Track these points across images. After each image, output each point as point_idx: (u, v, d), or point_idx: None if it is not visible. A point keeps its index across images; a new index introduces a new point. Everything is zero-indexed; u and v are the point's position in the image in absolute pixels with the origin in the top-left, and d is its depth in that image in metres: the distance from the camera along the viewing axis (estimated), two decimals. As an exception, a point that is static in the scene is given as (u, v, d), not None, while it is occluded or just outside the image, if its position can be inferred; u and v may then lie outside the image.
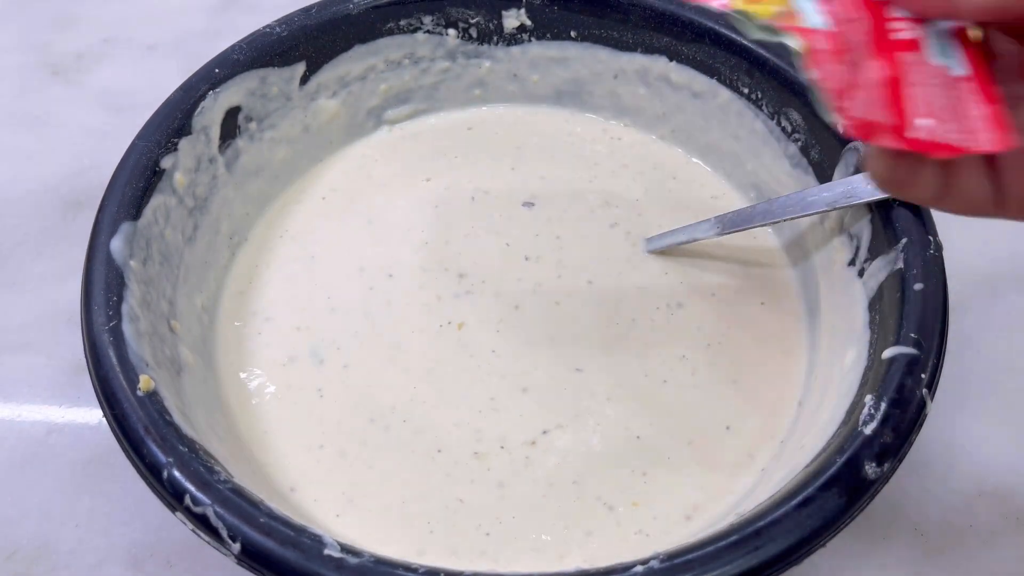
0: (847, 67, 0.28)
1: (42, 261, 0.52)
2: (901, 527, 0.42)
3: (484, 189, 0.51)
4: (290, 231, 0.50)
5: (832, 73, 0.29)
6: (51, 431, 0.45)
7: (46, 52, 0.65)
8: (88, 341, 0.37)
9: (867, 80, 0.28)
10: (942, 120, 0.28)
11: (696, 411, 0.42)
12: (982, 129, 0.27)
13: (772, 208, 0.44)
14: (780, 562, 0.31)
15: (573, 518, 0.39)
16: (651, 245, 0.48)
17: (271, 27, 0.48)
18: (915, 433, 0.34)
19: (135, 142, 0.43)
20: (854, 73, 0.28)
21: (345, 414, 0.42)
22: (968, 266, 0.51)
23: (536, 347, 0.44)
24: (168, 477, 0.33)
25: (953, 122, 0.28)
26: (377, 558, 0.31)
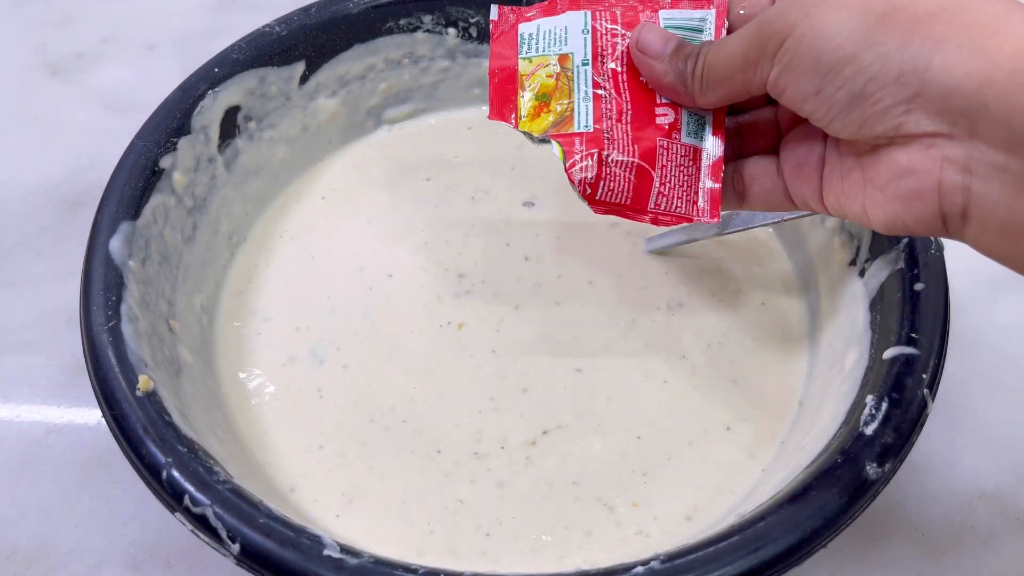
0: (597, 163, 0.35)
1: (41, 261, 0.52)
2: (902, 527, 0.42)
3: (484, 189, 0.51)
4: (290, 231, 0.50)
5: (583, 169, 0.35)
6: (50, 431, 0.45)
7: (46, 52, 0.65)
8: (87, 341, 0.37)
9: (615, 172, 0.35)
10: (674, 197, 0.36)
11: (696, 411, 0.42)
12: (705, 203, 0.36)
13: (772, 208, 0.44)
14: (780, 563, 0.31)
15: (573, 518, 0.39)
16: (651, 245, 0.48)
17: (270, 27, 0.48)
18: (916, 433, 0.34)
19: (134, 142, 0.43)
20: (603, 167, 0.35)
21: (345, 414, 0.42)
22: (968, 266, 0.50)
23: (536, 347, 0.44)
24: (167, 477, 0.33)
25: (684, 198, 0.36)
26: (377, 558, 0.31)
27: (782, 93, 0.31)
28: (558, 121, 0.36)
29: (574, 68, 0.36)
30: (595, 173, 0.35)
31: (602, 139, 0.35)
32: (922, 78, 0.27)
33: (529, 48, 0.37)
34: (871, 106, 0.29)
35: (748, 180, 0.36)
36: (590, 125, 0.35)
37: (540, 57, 0.37)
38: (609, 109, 0.36)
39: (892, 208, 0.30)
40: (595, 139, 0.35)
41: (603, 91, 0.36)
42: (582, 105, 0.36)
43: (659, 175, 0.36)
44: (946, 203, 0.28)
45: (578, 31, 0.36)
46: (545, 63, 0.37)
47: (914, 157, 0.29)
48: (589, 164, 0.35)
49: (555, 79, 0.36)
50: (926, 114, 0.28)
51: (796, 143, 0.35)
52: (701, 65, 0.34)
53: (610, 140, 0.35)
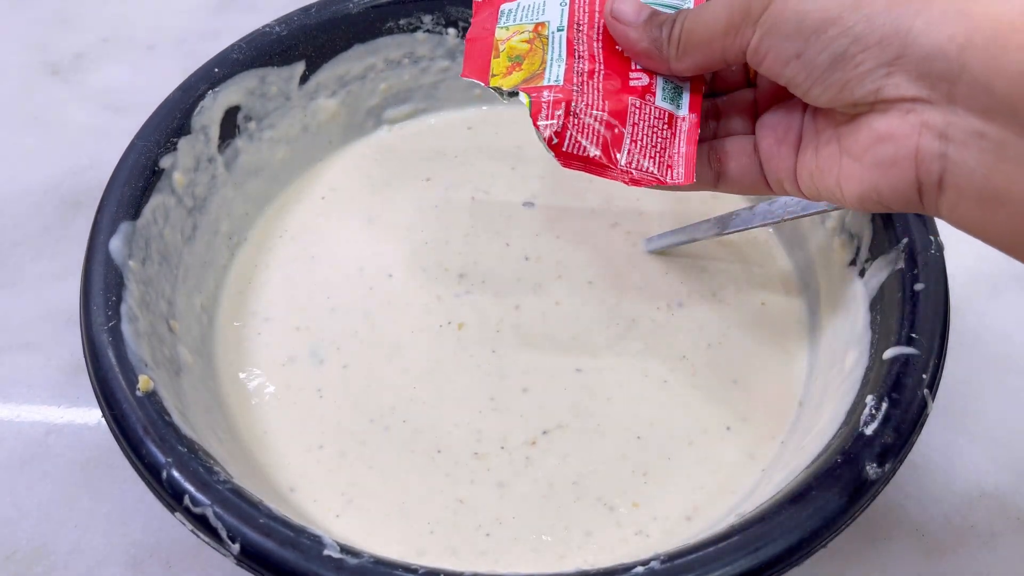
0: (565, 113, 0.34)
1: (41, 261, 0.52)
2: (902, 527, 0.42)
3: (484, 189, 0.51)
4: (290, 231, 0.50)
5: (549, 116, 0.34)
6: (50, 431, 0.45)
7: (46, 52, 0.65)
8: (87, 341, 0.37)
9: (584, 123, 0.34)
10: (647, 157, 0.35)
11: (696, 411, 0.42)
12: (678, 165, 0.35)
13: (772, 208, 0.44)
14: (781, 563, 0.31)
15: (573, 518, 0.39)
16: (651, 245, 0.48)
17: (270, 27, 0.48)
18: (916, 433, 0.34)
19: (134, 142, 0.43)
20: (570, 117, 0.34)
21: (345, 414, 0.42)
22: (968, 266, 0.51)
23: (536, 347, 0.44)
24: (167, 477, 0.33)
25: (656, 158, 0.35)
26: (377, 558, 0.31)
27: (762, 60, 0.31)
28: (528, 78, 0.36)
29: (549, 34, 0.36)
30: (562, 123, 0.34)
31: (571, 92, 0.35)
32: (904, 40, 0.27)
33: (507, 19, 0.37)
34: (852, 69, 0.28)
35: (724, 157, 0.36)
36: (560, 79, 0.35)
37: (516, 25, 0.37)
38: (581, 70, 0.36)
39: (868, 178, 0.30)
40: (564, 91, 0.35)
41: (576, 56, 0.36)
42: (554, 65, 0.36)
43: (630, 133, 0.35)
44: (923, 171, 0.28)
45: (556, 3, 0.36)
46: (521, 30, 0.37)
47: (892, 123, 0.28)
48: (557, 114, 0.34)
49: (529, 44, 0.36)
50: (906, 78, 0.27)
51: (773, 121, 0.35)
52: (678, 31, 0.34)
53: (580, 93, 0.35)
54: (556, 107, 0.34)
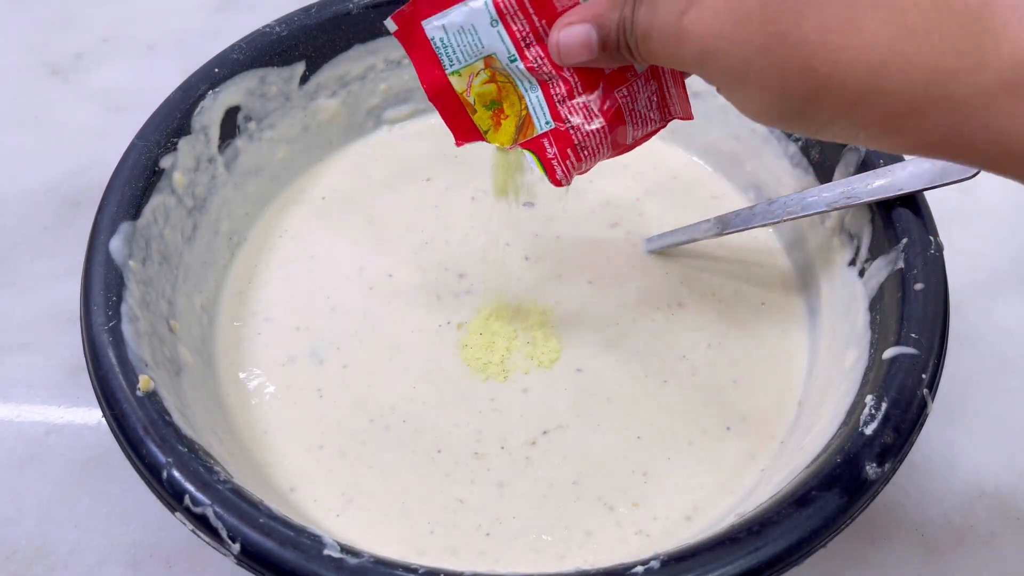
0: (574, 155, 0.35)
1: (42, 261, 0.52)
2: (901, 527, 0.42)
3: (484, 189, 0.51)
4: (290, 231, 0.50)
5: (564, 170, 0.36)
6: (50, 431, 0.45)
7: (46, 52, 0.65)
8: (88, 341, 0.37)
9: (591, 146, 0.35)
10: (648, 121, 0.36)
11: (696, 411, 0.42)
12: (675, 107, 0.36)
13: (772, 208, 0.44)
14: (780, 562, 0.31)
15: (573, 518, 0.39)
16: (651, 245, 0.48)
17: (271, 27, 0.48)
18: (916, 433, 0.34)
19: (134, 142, 0.43)
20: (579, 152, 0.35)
21: (345, 414, 0.42)
22: (968, 266, 0.51)
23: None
24: (168, 477, 0.33)
25: (655, 113, 0.36)
26: (377, 558, 0.31)
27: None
28: (520, 125, 0.36)
29: (505, 67, 0.35)
30: (575, 162, 0.36)
31: (568, 133, 0.35)
32: None
33: (451, 60, 0.35)
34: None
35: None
36: (551, 121, 0.35)
37: (466, 68, 0.35)
38: (559, 92, 0.35)
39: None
40: (561, 135, 0.35)
41: (545, 74, 0.35)
42: (533, 98, 0.35)
43: (631, 118, 0.35)
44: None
45: (486, 25, 0.34)
46: (474, 70, 0.36)
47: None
48: (569, 163, 0.36)
49: (494, 83, 0.36)
50: None
51: None
52: (634, 41, 0.31)
53: (574, 128, 0.35)
54: (563, 156, 0.35)
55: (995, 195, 0.54)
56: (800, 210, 0.43)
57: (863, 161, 0.42)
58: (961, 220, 0.53)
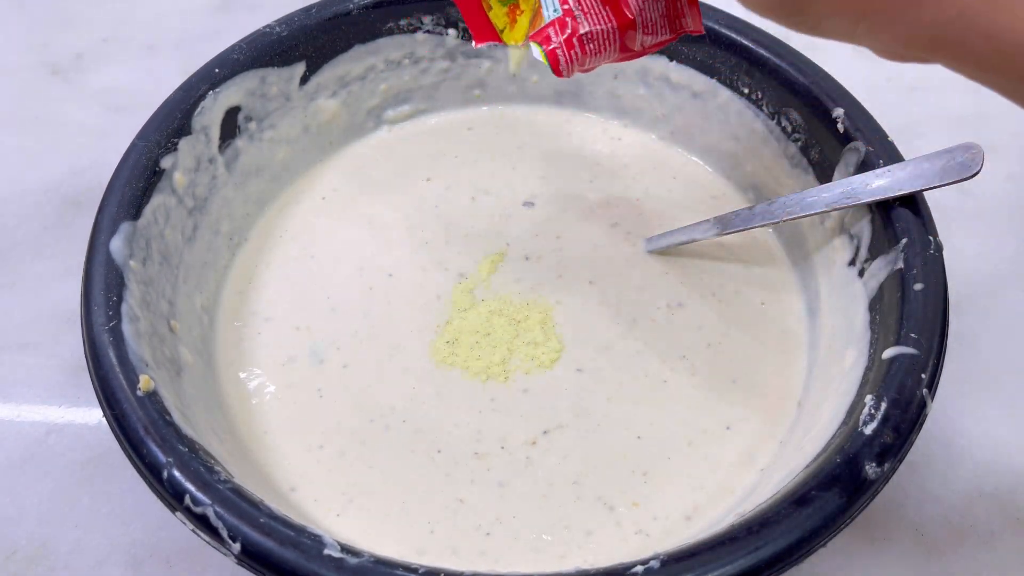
0: (579, 45, 0.35)
1: (42, 261, 0.52)
2: (901, 527, 0.42)
3: (484, 189, 0.51)
4: (290, 231, 0.50)
5: (567, 61, 0.35)
6: (51, 431, 0.45)
7: (46, 52, 0.65)
8: (88, 341, 0.37)
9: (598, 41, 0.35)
10: (658, 29, 0.36)
11: (696, 411, 0.42)
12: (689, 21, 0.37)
13: (772, 208, 0.44)
14: (780, 562, 0.31)
15: (573, 518, 0.39)
16: (651, 245, 0.48)
17: (271, 27, 0.49)
18: (915, 433, 0.34)
19: (135, 142, 0.43)
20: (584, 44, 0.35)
21: (345, 414, 0.42)
22: (968, 266, 0.51)
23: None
24: (168, 477, 0.33)
25: (667, 24, 0.36)
26: (377, 558, 0.31)
27: None
28: (532, 18, 0.36)
29: None
30: (580, 54, 0.36)
31: (575, 21, 0.35)
32: None
33: None
34: None
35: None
36: (558, 8, 0.35)
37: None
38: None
39: None
40: (567, 24, 0.35)
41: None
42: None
43: (641, 21, 0.36)
44: None
45: None
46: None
47: None
48: (573, 53, 0.35)
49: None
50: None
51: None
52: None
53: (583, 14, 0.35)
54: (569, 48, 0.35)
55: (995, 195, 0.54)
56: (800, 210, 0.43)
57: (863, 161, 0.43)
58: (961, 220, 0.53)
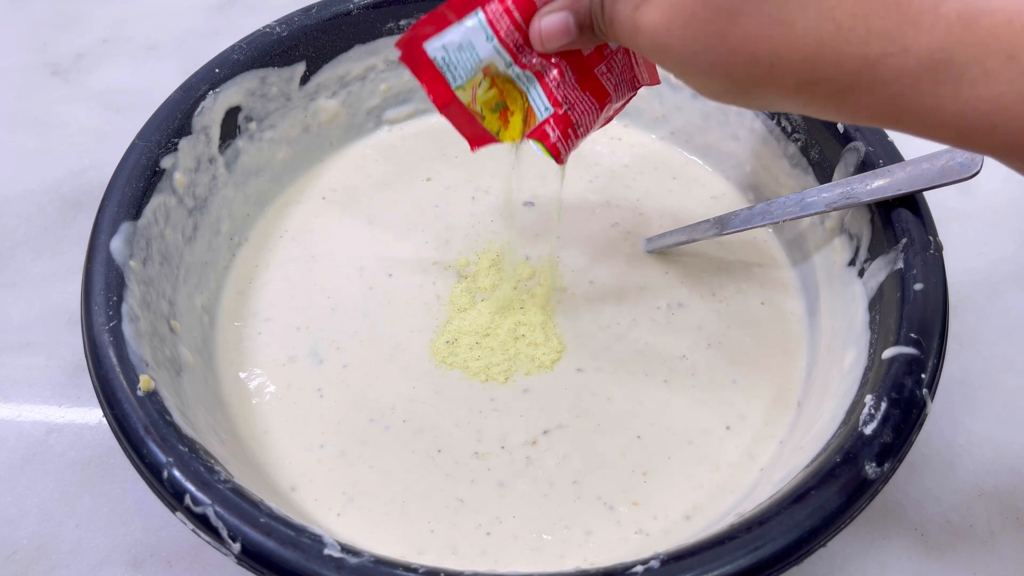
0: (574, 133, 0.38)
1: (42, 261, 0.52)
2: (901, 527, 0.42)
3: (484, 189, 0.51)
4: (290, 231, 0.50)
5: (565, 149, 0.38)
6: (51, 431, 0.45)
7: (46, 52, 0.65)
8: (88, 341, 0.37)
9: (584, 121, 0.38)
10: (623, 90, 0.39)
11: (696, 411, 0.42)
12: (645, 76, 0.39)
13: (772, 208, 0.44)
14: (780, 562, 0.31)
15: (573, 517, 0.39)
16: (651, 245, 0.48)
17: (271, 27, 0.49)
18: (915, 433, 0.34)
19: (135, 142, 0.43)
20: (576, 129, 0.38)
21: (345, 414, 0.42)
22: (968, 266, 0.51)
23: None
24: (168, 477, 0.33)
25: (628, 82, 0.39)
26: (377, 558, 0.31)
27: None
28: (525, 118, 0.38)
29: (504, 72, 0.38)
30: (574, 139, 0.39)
31: (567, 113, 0.38)
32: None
33: (454, 76, 0.38)
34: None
35: None
36: (549, 107, 0.38)
37: (469, 81, 0.38)
38: (553, 78, 0.37)
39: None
40: (561, 118, 0.38)
41: (538, 66, 0.37)
42: (532, 92, 0.38)
43: (614, 91, 0.39)
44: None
45: (482, 41, 0.37)
46: (475, 82, 0.38)
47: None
48: (569, 142, 0.38)
49: (495, 87, 0.38)
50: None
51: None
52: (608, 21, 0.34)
53: (571, 107, 0.37)
54: (567, 139, 0.38)
55: (995, 195, 0.54)
56: (800, 210, 0.43)
57: (863, 161, 0.43)
58: (961, 220, 0.53)
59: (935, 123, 0.28)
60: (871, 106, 0.28)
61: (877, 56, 0.27)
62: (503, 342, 0.44)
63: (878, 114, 0.29)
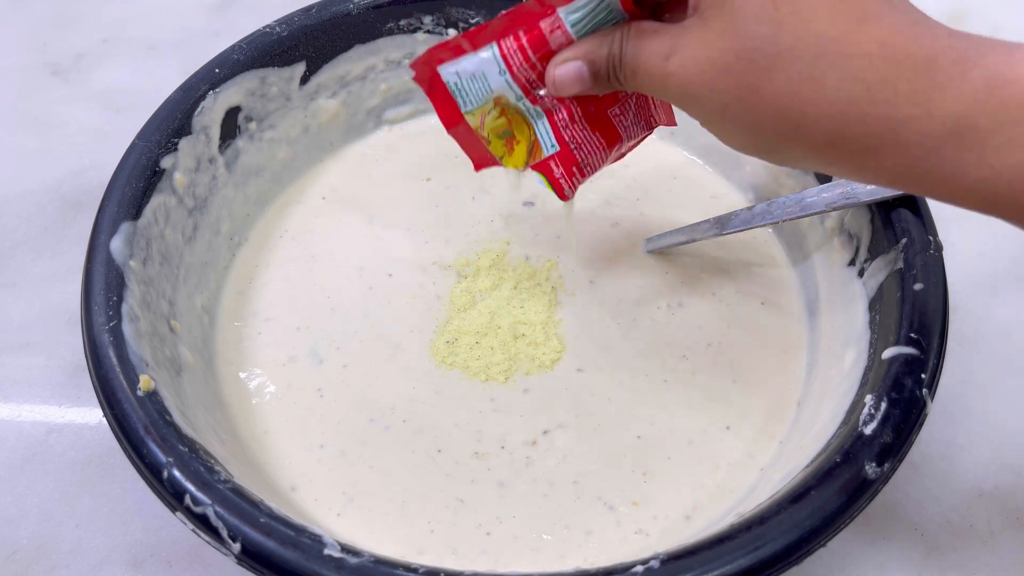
0: (578, 171, 0.39)
1: (42, 261, 0.52)
2: (901, 527, 0.42)
3: (484, 189, 0.51)
4: (290, 231, 0.50)
5: (570, 187, 0.40)
6: (51, 431, 0.45)
7: (46, 52, 0.65)
8: (88, 341, 0.37)
9: (591, 162, 0.39)
10: (637, 131, 0.40)
11: (696, 411, 0.42)
12: (662, 116, 0.40)
13: (772, 208, 0.44)
14: (780, 562, 0.31)
15: (573, 517, 0.39)
16: (651, 245, 0.48)
17: (271, 27, 0.49)
18: (915, 433, 0.34)
19: (135, 142, 0.43)
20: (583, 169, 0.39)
21: (345, 414, 0.42)
22: (968, 266, 0.51)
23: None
24: (168, 477, 0.33)
25: (643, 122, 0.40)
26: (377, 558, 0.31)
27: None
28: (530, 148, 0.39)
29: (514, 104, 0.38)
30: (579, 178, 0.40)
31: (572, 152, 0.39)
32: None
33: (465, 101, 0.39)
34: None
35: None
36: (556, 144, 0.39)
37: (479, 108, 0.39)
38: (562, 118, 0.38)
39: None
40: (566, 157, 0.39)
41: (548, 104, 0.38)
42: (539, 126, 0.39)
43: (624, 132, 0.39)
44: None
45: (495, 74, 0.38)
46: (486, 110, 0.39)
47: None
48: (574, 179, 0.40)
49: (504, 116, 0.39)
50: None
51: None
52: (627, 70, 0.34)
53: (577, 147, 0.38)
54: (571, 177, 0.39)
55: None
56: (800, 210, 0.43)
57: (863, 161, 0.42)
58: (961, 220, 0.53)
59: (958, 188, 0.28)
60: (894, 168, 0.29)
61: (903, 119, 0.28)
62: (503, 342, 0.44)
63: (901, 176, 0.29)
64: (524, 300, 0.46)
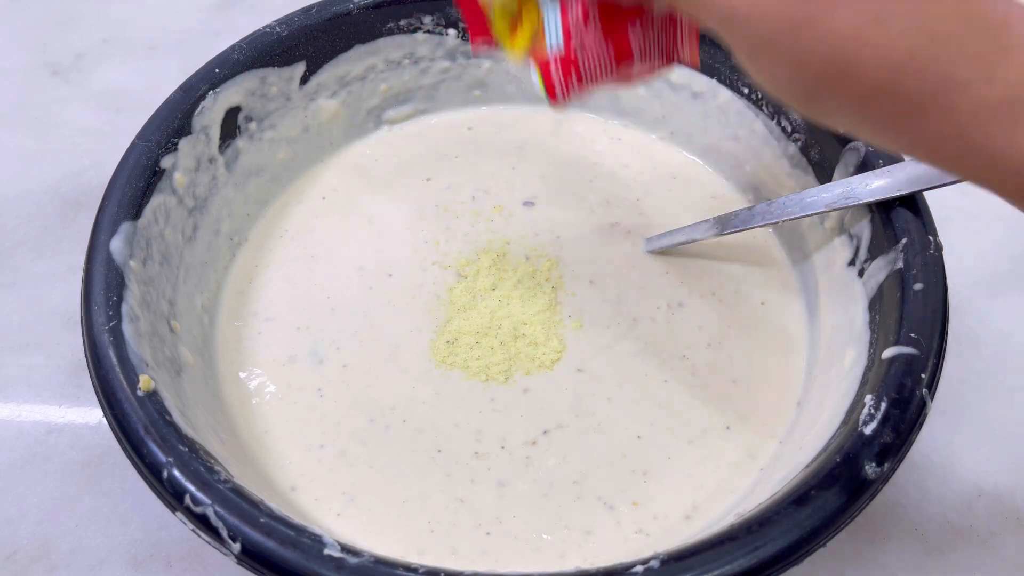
0: (576, 79, 0.36)
1: (42, 261, 0.52)
2: (901, 527, 0.42)
3: (484, 189, 0.51)
4: (290, 231, 0.50)
5: (563, 92, 0.36)
6: (51, 431, 0.45)
7: (46, 52, 0.65)
8: (88, 341, 0.37)
9: (594, 73, 0.36)
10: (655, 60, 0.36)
11: (696, 411, 0.42)
12: (686, 53, 0.37)
13: (772, 208, 0.44)
14: (780, 562, 0.31)
15: (573, 517, 0.39)
16: (651, 245, 0.48)
17: (271, 27, 0.49)
18: (915, 433, 0.34)
19: (135, 142, 0.43)
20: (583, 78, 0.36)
21: (345, 414, 0.42)
22: (968, 266, 0.51)
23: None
24: (168, 477, 0.33)
25: (663, 54, 0.36)
26: (377, 558, 0.31)
27: None
28: (534, 36, 0.36)
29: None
30: (576, 84, 0.36)
31: (575, 57, 0.35)
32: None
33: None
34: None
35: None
36: (560, 41, 0.35)
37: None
38: (575, 16, 0.35)
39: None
40: (567, 61, 0.36)
41: (568, 3, 0.35)
42: (550, 16, 0.36)
43: (639, 54, 0.36)
44: None
45: None
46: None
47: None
48: (570, 84, 0.36)
49: (518, 1, 0.36)
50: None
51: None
52: None
53: (583, 50, 0.35)
54: (567, 79, 0.36)
55: (995, 196, 0.54)
56: (799, 210, 0.43)
57: (863, 161, 0.43)
58: (961, 220, 0.53)
59: (1001, 169, 0.26)
60: (937, 136, 0.26)
61: (961, 80, 0.25)
62: (503, 342, 0.44)
63: (940, 147, 0.27)
64: (524, 300, 0.46)
